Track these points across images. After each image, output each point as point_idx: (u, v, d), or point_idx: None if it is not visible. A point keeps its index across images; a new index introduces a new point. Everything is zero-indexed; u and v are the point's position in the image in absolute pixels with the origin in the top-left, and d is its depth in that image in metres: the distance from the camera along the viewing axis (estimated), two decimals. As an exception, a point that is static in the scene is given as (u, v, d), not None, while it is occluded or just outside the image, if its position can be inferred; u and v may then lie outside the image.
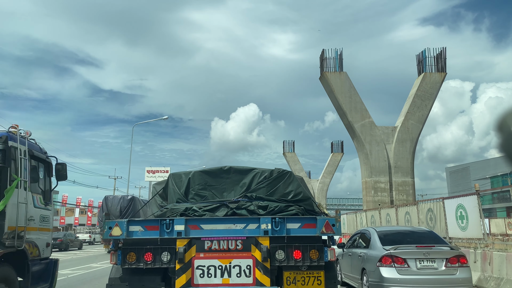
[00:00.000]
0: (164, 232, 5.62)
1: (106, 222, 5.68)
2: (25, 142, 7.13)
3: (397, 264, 8.18)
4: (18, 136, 6.87)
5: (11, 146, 6.64)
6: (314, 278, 5.65)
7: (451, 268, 8.18)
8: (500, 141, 1.55)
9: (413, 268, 8.15)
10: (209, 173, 6.80)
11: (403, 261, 8.19)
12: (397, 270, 8.15)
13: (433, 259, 8.23)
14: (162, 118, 41.47)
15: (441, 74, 27.48)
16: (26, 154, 7.06)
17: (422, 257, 8.24)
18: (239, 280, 5.56)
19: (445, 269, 8.16)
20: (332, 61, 27.55)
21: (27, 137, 7.27)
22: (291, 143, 61.93)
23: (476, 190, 12.47)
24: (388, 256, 8.30)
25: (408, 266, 8.15)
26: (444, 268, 8.17)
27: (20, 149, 6.86)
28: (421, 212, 16.34)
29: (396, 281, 8.08)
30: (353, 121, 27.23)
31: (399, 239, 9.04)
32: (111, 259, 5.74)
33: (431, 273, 8.14)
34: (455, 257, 8.30)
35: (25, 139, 7.16)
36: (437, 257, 8.25)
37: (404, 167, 27.15)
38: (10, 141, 6.66)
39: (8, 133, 6.77)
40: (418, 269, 8.15)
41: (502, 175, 60.77)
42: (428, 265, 8.21)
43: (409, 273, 8.11)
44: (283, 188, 6.54)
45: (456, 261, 8.25)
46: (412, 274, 8.10)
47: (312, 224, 5.65)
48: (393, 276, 8.12)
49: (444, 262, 8.22)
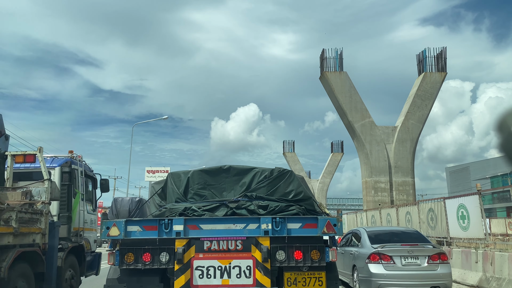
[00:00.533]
0: (162, 232, 5.53)
1: (104, 222, 5.59)
2: (81, 164, 9.49)
3: (384, 261, 8.96)
4: (77, 160, 9.33)
5: (73, 168, 9.04)
6: (315, 279, 5.56)
7: (432, 264, 8.94)
8: (500, 141, 1.56)
9: (398, 264, 8.94)
10: (209, 172, 6.70)
11: (390, 258, 8.97)
12: (384, 266, 8.94)
13: (416, 256, 9.00)
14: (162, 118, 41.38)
15: (441, 74, 27.40)
16: (82, 173, 9.42)
17: (406, 254, 9.00)
18: (239, 281, 5.47)
19: (427, 265, 8.93)
20: (332, 61, 27.47)
21: (81, 160, 9.57)
22: (291, 143, 61.88)
23: (478, 189, 12.38)
24: (376, 254, 9.07)
25: (394, 263, 8.94)
26: (427, 264, 8.94)
27: (78, 170, 9.25)
28: (422, 212, 16.27)
29: (383, 276, 8.87)
30: (353, 121, 27.16)
31: (387, 238, 9.83)
32: (108, 260, 5.65)
33: (414, 269, 8.92)
34: (437, 255, 9.07)
35: (80, 162, 9.47)
36: (420, 254, 9.01)
37: (404, 167, 27.08)
38: (72, 164, 9.02)
39: (71, 158, 9.16)
40: (403, 265, 8.94)
41: (502, 175, 60.73)
42: (412, 261, 8.99)
43: (395, 269, 8.90)
44: (284, 187, 6.44)
45: (437, 258, 9.02)
46: (397, 270, 8.89)
47: (313, 224, 5.56)
48: (380, 271, 8.91)
49: (426, 259, 8.97)
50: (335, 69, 27.42)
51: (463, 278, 11.69)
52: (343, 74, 27.42)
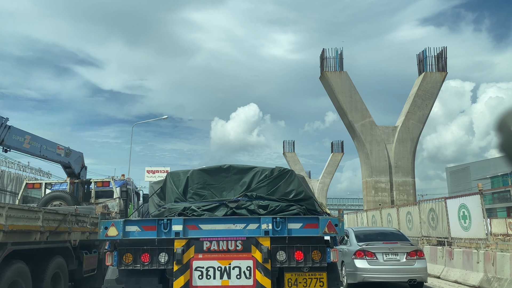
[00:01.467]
0: (161, 233, 5.46)
1: (102, 222, 5.51)
2: (130, 183, 13.45)
3: (368, 257, 10.16)
4: (131, 182, 13.54)
5: (128, 188, 12.85)
6: (316, 279, 5.49)
7: (410, 260, 10.18)
8: (500, 141, 1.57)
9: (380, 260, 10.14)
10: (208, 171, 6.62)
11: (373, 254, 10.18)
12: (368, 261, 10.14)
13: (396, 253, 10.24)
14: (162, 118, 41.26)
15: (441, 74, 27.35)
16: (132, 191, 13.22)
17: (387, 251, 10.23)
18: (239, 281, 5.40)
19: (406, 261, 10.16)
20: (332, 61, 27.41)
21: (132, 181, 13.85)
22: (291, 143, 61.80)
23: (479, 189, 12.31)
24: (361, 251, 10.28)
25: (377, 258, 10.15)
26: (405, 260, 10.17)
27: (130, 189, 13.04)
28: (423, 212, 16.20)
29: (367, 270, 10.08)
30: (353, 120, 27.10)
31: (371, 237, 11.05)
32: (107, 260, 5.57)
33: (394, 264, 10.15)
34: (414, 251, 10.34)
35: (131, 183, 13.60)
36: (399, 251, 10.26)
37: (404, 167, 27.02)
38: (127, 185, 12.95)
39: (125, 180, 13.16)
40: (384, 260, 10.15)
41: (502, 175, 60.67)
42: (392, 257, 10.21)
43: (377, 264, 10.10)
44: (284, 187, 6.36)
45: (414, 255, 10.26)
46: (379, 265, 10.10)
47: (314, 224, 5.49)
48: (365, 266, 10.12)
49: (405, 255, 10.21)
50: (335, 69, 27.35)
51: (465, 279, 11.62)
52: (343, 74, 27.36)
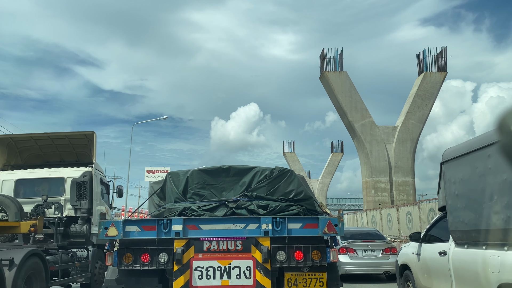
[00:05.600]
0: (161, 233, 5.45)
1: (102, 222, 5.51)
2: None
3: (350, 253, 12.06)
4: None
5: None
6: (316, 279, 5.49)
7: (385, 255, 12.05)
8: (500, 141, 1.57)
9: (360, 255, 12.08)
10: (208, 172, 6.62)
11: (354, 250, 12.08)
12: (349, 256, 12.02)
13: (373, 249, 12.17)
14: (162, 118, 41.26)
15: (441, 74, 27.38)
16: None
17: (366, 248, 12.16)
18: (238, 281, 5.40)
19: (381, 256, 12.07)
20: (332, 61, 27.45)
21: None
22: (291, 143, 61.91)
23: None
24: (344, 247, 12.09)
25: (357, 254, 12.07)
26: (381, 255, 12.08)
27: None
28: (423, 212, 16.21)
29: (348, 264, 11.90)
30: (353, 120, 27.12)
31: (354, 236, 12.92)
32: (106, 260, 5.57)
33: (372, 259, 12.06)
34: (389, 248, 12.26)
35: None
36: (376, 248, 12.20)
37: (404, 167, 27.04)
38: None
39: None
40: (363, 256, 12.08)
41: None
42: (370, 253, 12.13)
43: (357, 259, 12.02)
44: (284, 187, 6.36)
45: (389, 251, 12.14)
46: (359, 259, 12.02)
47: (314, 224, 5.49)
48: (347, 261, 11.91)
49: (381, 251, 12.13)
50: (335, 69, 27.39)
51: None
52: (343, 74, 27.38)
